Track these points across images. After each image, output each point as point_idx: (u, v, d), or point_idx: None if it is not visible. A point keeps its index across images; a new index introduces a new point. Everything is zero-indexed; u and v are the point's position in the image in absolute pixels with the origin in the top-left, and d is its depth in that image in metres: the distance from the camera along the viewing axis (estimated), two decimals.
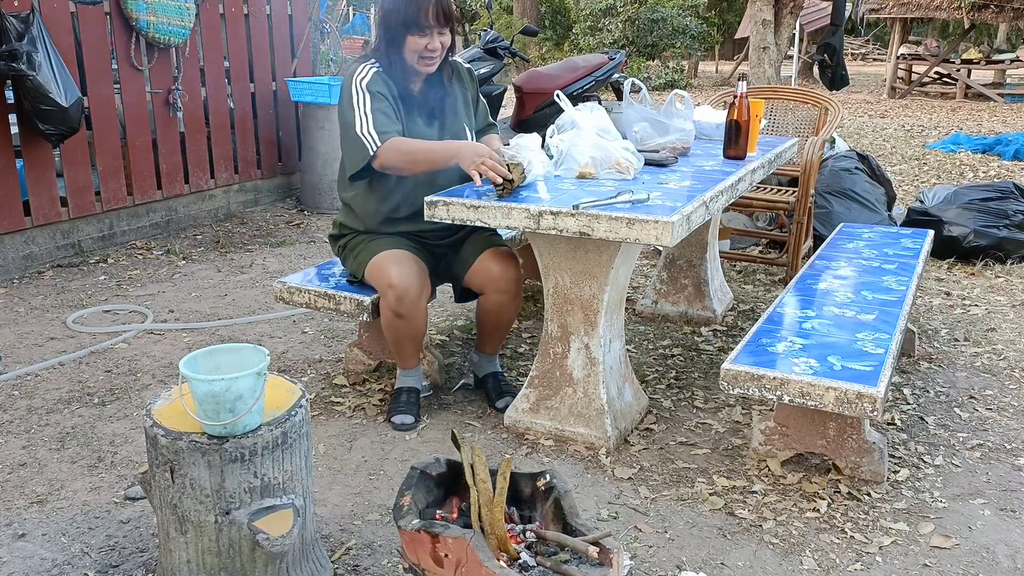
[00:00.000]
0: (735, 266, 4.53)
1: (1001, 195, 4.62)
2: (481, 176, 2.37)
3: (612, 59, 5.55)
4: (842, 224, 3.72)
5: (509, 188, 2.38)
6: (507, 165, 2.41)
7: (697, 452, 2.58)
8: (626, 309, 3.11)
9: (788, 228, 4.13)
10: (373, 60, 2.64)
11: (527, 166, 2.49)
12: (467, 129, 2.77)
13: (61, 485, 2.37)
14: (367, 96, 2.55)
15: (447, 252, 2.80)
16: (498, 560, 1.62)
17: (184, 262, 4.58)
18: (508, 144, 2.63)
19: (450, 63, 2.73)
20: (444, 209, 2.42)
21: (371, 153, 2.51)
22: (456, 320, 3.72)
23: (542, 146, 2.68)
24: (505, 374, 2.98)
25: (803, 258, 4.10)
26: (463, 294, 2.86)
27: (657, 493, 2.35)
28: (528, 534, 1.77)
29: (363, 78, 2.59)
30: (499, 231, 3.13)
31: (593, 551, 1.63)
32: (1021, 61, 14.96)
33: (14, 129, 4.20)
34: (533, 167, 2.52)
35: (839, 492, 2.32)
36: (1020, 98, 14.02)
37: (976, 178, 6.97)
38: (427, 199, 2.45)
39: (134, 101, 4.80)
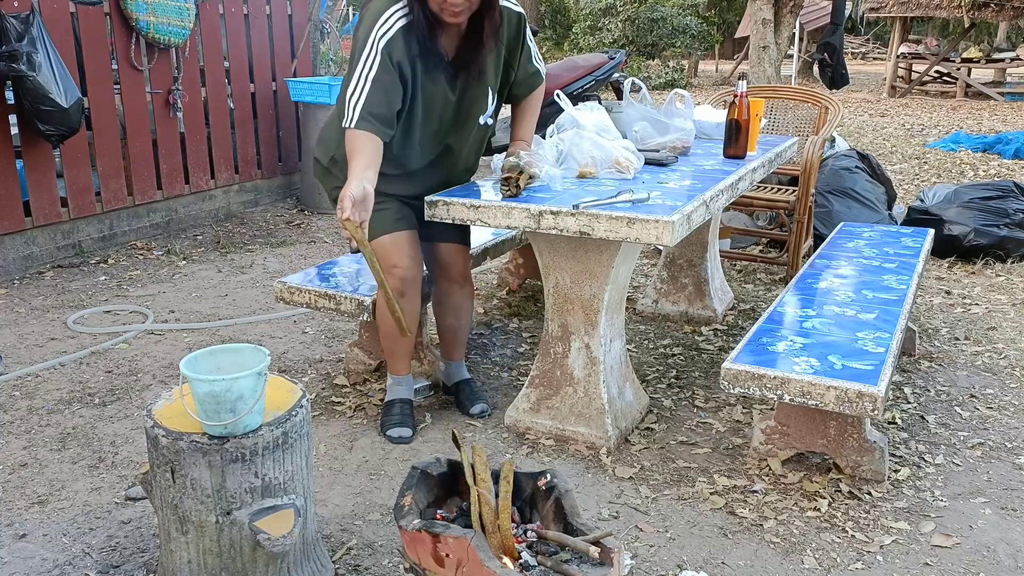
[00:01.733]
0: (735, 265, 4.53)
1: (1001, 194, 4.62)
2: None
3: (612, 58, 5.54)
4: (842, 223, 3.72)
5: (515, 192, 2.40)
6: (519, 170, 2.44)
7: (698, 451, 2.58)
8: (626, 308, 3.11)
9: (788, 227, 4.13)
10: (404, 5, 2.35)
11: (540, 175, 2.52)
12: (489, 92, 2.56)
13: (62, 485, 2.37)
14: (378, 59, 2.32)
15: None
16: (500, 560, 1.62)
17: (184, 262, 4.58)
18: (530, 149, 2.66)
19: (497, 14, 2.40)
20: (444, 209, 2.43)
21: (343, 126, 2.36)
22: None
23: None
24: (479, 380, 2.96)
25: (803, 257, 4.10)
26: None
27: (658, 492, 2.35)
28: (529, 534, 1.77)
29: (385, 34, 2.33)
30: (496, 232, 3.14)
31: (594, 551, 1.63)
32: (1021, 60, 14.96)
33: (14, 130, 4.20)
34: (541, 178, 2.55)
35: (840, 491, 2.32)
36: (1020, 97, 14.01)
37: (976, 177, 6.97)
38: (427, 199, 2.46)
39: (134, 101, 4.80)
